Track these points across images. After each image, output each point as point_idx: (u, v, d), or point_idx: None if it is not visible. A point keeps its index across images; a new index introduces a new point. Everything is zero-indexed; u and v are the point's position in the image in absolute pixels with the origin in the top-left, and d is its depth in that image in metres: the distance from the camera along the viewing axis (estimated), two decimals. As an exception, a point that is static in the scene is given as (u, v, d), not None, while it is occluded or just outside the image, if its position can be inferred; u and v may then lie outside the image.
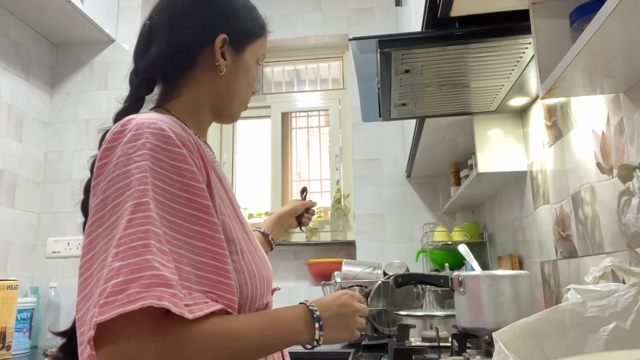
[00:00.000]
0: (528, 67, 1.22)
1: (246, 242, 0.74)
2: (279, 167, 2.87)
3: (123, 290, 0.53)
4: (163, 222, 0.59)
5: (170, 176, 0.62)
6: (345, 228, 2.72)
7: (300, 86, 3.06)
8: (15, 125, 2.23)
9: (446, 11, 1.02)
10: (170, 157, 0.63)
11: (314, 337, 0.71)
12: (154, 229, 0.57)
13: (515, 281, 1.20)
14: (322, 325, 0.72)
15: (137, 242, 0.56)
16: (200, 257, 0.62)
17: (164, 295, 0.54)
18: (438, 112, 1.56)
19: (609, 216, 1.03)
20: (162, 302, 0.53)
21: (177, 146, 0.64)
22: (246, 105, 0.88)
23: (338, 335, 0.75)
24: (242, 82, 0.83)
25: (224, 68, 0.79)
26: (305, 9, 2.89)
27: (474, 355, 1.18)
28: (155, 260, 0.55)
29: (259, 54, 0.86)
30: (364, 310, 0.80)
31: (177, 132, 0.66)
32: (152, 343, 0.55)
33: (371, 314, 1.91)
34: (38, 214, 2.36)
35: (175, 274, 0.57)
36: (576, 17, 0.88)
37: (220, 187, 0.73)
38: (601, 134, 1.04)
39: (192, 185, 0.64)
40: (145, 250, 0.55)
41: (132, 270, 0.54)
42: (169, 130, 0.65)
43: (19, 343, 1.92)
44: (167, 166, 0.62)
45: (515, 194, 1.70)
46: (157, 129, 0.64)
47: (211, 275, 0.63)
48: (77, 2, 2.19)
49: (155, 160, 0.62)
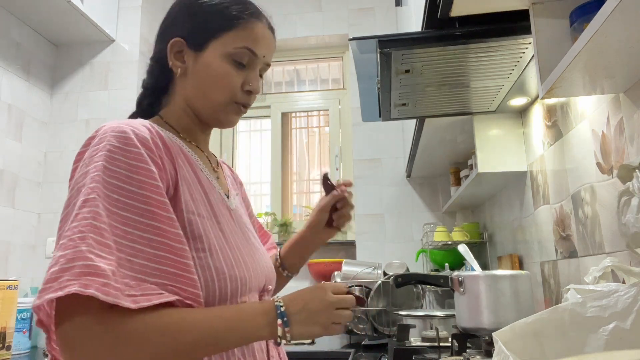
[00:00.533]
0: (528, 67, 1.22)
1: (219, 240, 0.75)
2: (279, 167, 2.87)
3: (57, 278, 0.58)
4: (115, 217, 0.63)
5: (126, 174, 0.66)
6: (345, 228, 2.72)
7: (300, 86, 3.06)
8: (15, 125, 2.23)
9: (446, 11, 1.02)
10: (128, 156, 0.67)
11: (276, 333, 0.69)
12: (96, 222, 0.61)
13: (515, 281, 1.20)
14: (286, 321, 0.69)
15: (76, 234, 0.60)
16: (158, 251, 0.65)
17: (92, 283, 0.57)
18: (438, 112, 1.56)
19: (609, 216, 1.03)
20: (87, 290, 0.57)
21: (136, 146, 0.68)
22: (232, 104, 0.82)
23: (309, 331, 0.72)
24: (205, 84, 0.81)
25: (177, 70, 0.81)
26: (305, 9, 2.89)
27: (474, 355, 1.18)
28: (89, 252, 0.59)
29: (230, 47, 0.80)
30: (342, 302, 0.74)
31: (139, 134, 0.69)
32: (94, 330, 0.59)
33: (371, 314, 1.91)
34: (38, 214, 2.36)
35: (113, 266, 0.60)
36: (576, 17, 0.88)
37: (195, 187, 0.76)
38: (601, 134, 1.04)
39: (148, 182, 0.66)
40: (82, 242, 0.59)
41: (67, 260, 0.58)
42: (131, 132, 0.69)
43: (19, 343, 1.92)
44: (123, 165, 0.66)
45: (515, 194, 1.70)
46: (118, 132, 0.68)
47: (170, 269, 0.65)
48: (77, 2, 2.19)
49: (111, 159, 0.66)
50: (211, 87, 0.81)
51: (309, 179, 2.97)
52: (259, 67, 0.85)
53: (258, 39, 0.82)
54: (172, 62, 0.82)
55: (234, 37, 0.80)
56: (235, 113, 0.83)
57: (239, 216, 0.87)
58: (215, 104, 0.81)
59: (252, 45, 0.81)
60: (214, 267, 0.72)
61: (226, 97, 0.81)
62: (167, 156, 0.73)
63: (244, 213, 0.93)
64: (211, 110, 0.82)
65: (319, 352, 1.82)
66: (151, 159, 0.68)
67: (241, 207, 0.93)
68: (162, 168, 0.70)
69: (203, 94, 0.81)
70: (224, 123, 0.85)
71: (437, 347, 1.32)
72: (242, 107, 0.84)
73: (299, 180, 2.97)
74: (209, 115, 0.83)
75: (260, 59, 0.83)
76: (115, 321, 0.60)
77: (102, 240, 0.61)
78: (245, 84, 0.82)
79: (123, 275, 0.61)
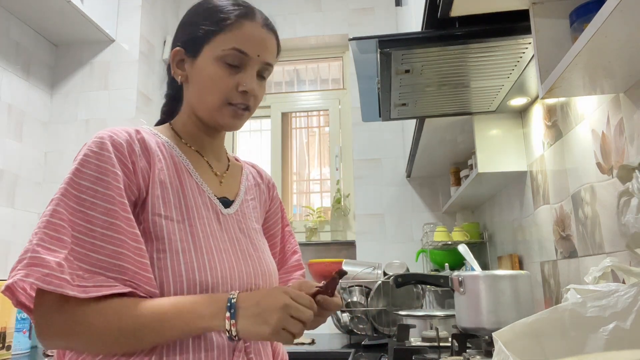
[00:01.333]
0: (528, 67, 1.22)
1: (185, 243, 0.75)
2: (279, 167, 2.87)
3: (14, 268, 0.67)
4: (79, 214, 0.69)
5: (95, 175, 0.72)
6: (345, 228, 2.72)
7: (300, 86, 3.06)
8: (15, 125, 2.23)
9: (446, 11, 1.01)
10: (100, 159, 0.73)
11: (224, 326, 0.68)
12: (52, 219, 0.68)
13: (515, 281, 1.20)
14: (233, 314, 0.68)
15: (36, 229, 0.68)
16: (118, 248, 0.69)
17: (34, 273, 0.64)
18: (438, 112, 1.56)
19: (609, 216, 1.03)
20: (28, 278, 0.64)
21: (108, 151, 0.73)
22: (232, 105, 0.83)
23: (256, 329, 0.68)
24: (202, 89, 0.83)
25: (178, 77, 0.86)
26: (305, 9, 2.89)
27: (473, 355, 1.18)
28: (38, 245, 0.66)
29: (220, 49, 0.81)
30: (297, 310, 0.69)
31: (115, 140, 0.75)
32: (52, 316, 0.68)
33: (371, 314, 1.91)
34: (38, 214, 2.35)
35: (60, 258, 0.66)
36: (576, 17, 0.88)
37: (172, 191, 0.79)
38: (601, 134, 1.04)
39: (113, 185, 0.72)
40: (35, 237, 0.67)
41: (23, 252, 0.67)
42: (108, 138, 0.75)
43: (19, 343, 1.92)
44: (94, 167, 0.72)
45: (515, 194, 1.70)
46: (98, 138, 0.75)
47: (128, 265, 0.70)
48: (77, 2, 2.19)
49: (85, 162, 0.72)
50: (205, 91, 0.82)
51: (308, 179, 2.97)
52: (256, 67, 0.84)
53: (248, 39, 0.82)
54: (174, 71, 0.86)
55: (222, 39, 0.81)
56: (231, 116, 0.83)
57: (234, 221, 0.86)
58: (210, 106, 0.83)
59: (240, 46, 0.81)
60: (171, 269, 0.73)
61: (219, 99, 0.82)
62: (145, 160, 0.77)
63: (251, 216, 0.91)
64: (208, 113, 0.84)
65: (319, 352, 1.82)
66: (121, 162, 0.74)
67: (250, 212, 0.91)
68: (133, 171, 0.75)
69: (200, 98, 0.83)
70: (224, 126, 0.86)
71: (437, 347, 1.32)
72: (241, 110, 0.84)
73: (298, 180, 2.97)
74: (209, 118, 0.85)
75: (254, 58, 0.83)
76: (69, 309, 0.67)
77: (55, 235, 0.67)
78: (240, 85, 0.82)
79: (77, 267, 0.67)
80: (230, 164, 0.95)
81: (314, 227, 2.72)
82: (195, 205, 0.81)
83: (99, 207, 0.70)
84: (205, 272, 0.75)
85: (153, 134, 0.83)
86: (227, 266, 0.78)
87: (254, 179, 0.99)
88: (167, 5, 2.84)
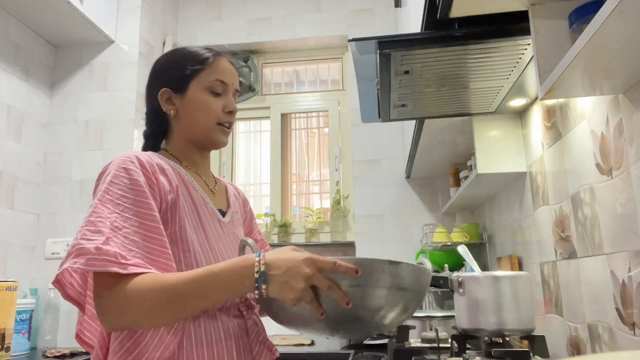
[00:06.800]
0: (527, 68, 1.22)
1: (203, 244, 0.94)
2: (279, 168, 2.87)
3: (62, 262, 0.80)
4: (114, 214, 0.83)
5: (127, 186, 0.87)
6: (345, 229, 2.72)
7: (300, 87, 3.06)
8: (14, 126, 2.23)
9: (445, 12, 1.02)
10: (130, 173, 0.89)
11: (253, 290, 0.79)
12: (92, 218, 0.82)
13: (514, 282, 1.20)
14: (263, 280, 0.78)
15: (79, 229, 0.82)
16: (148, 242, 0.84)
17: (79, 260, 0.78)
18: (437, 113, 1.56)
19: (609, 217, 1.03)
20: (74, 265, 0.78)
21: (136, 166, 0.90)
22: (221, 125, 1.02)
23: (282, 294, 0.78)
24: (195, 114, 1.01)
25: (172, 112, 1.03)
26: (304, 10, 2.89)
27: (473, 357, 1.18)
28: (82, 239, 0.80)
29: (206, 82, 1.01)
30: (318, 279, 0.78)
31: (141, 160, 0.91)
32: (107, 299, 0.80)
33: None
34: (37, 215, 2.35)
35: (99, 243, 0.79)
36: (575, 18, 0.88)
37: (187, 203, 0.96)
38: (600, 134, 1.04)
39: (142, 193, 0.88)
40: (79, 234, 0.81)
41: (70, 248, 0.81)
42: (135, 158, 0.91)
43: (18, 344, 1.92)
44: (126, 180, 0.88)
45: (515, 195, 1.70)
46: (125, 157, 0.91)
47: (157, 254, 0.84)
48: (77, 3, 2.19)
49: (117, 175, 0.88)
50: (200, 115, 1.01)
51: (308, 180, 2.97)
52: (231, 92, 1.05)
53: (225, 71, 1.04)
54: (165, 107, 1.03)
55: (207, 74, 1.02)
56: (222, 133, 1.03)
57: (230, 227, 1.05)
58: (205, 128, 1.02)
59: (221, 77, 1.03)
60: (195, 264, 0.90)
61: (213, 120, 1.01)
62: (164, 178, 0.93)
63: (238, 225, 1.11)
64: (204, 134, 1.02)
65: (319, 352, 1.82)
66: (146, 177, 0.90)
67: (237, 221, 1.11)
68: (156, 185, 0.90)
69: (195, 123, 1.02)
70: (217, 143, 1.04)
71: (436, 348, 1.32)
72: (227, 128, 1.04)
73: (298, 181, 2.97)
74: (204, 138, 1.03)
75: (230, 85, 1.05)
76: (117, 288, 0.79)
77: (94, 228, 0.81)
78: (225, 107, 1.02)
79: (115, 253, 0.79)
80: (216, 181, 1.13)
81: (314, 228, 2.72)
82: (204, 214, 0.98)
83: (131, 210, 0.85)
84: None
85: (161, 158, 0.98)
86: None
87: (234, 195, 1.17)
88: (166, 7, 2.84)
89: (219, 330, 0.90)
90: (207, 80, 1.01)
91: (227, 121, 1.03)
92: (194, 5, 3.00)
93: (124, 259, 0.79)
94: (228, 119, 1.03)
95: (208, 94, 1.01)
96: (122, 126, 2.41)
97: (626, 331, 0.97)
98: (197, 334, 0.87)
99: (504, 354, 1.11)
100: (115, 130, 2.41)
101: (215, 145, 1.05)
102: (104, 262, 0.78)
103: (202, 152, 1.07)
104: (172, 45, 2.73)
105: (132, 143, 2.38)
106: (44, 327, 2.14)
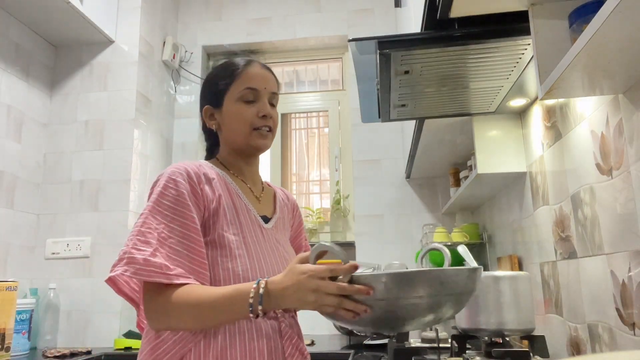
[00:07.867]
0: (527, 68, 1.22)
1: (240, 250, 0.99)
2: (279, 168, 2.87)
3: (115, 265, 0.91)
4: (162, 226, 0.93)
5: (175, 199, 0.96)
6: (345, 229, 2.72)
7: (300, 87, 3.06)
8: (14, 126, 2.23)
9: (445, 12, 1.01)
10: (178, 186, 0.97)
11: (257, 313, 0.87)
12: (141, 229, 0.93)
13: (514, 282, 1.20)
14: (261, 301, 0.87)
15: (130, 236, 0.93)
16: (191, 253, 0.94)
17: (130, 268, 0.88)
18: (437, 113, 1.56)
19: (609, 217, 1.03)
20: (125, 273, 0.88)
21: (184, 179, 0.98)
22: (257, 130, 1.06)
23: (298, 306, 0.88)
24: (232, 125, 1.08)
25: (214, 126, 1.11)
26: (304, 10, 2.89)
27: (473, 356, 1.18)
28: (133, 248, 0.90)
29: (237, 93, 1.07)
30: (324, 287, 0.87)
31: (189, 172, 0.99)
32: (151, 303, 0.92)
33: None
34: (37, 215, 2.35)
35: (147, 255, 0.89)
36: (575, 18, 0.88)
37: (230, 210, 1.03)
38: (600, 134, 1.04)
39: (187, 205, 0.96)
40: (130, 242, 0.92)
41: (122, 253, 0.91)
42: (184, 170, 0.99)
43: (18, 344, 1.92)
44: (174, 192, 0.96)
45: (515, 195, 1.70)
46: (175, 168, 0.99)
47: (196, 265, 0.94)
48: (77, 3, 2.19)
49: (166, 187, 0.97)
50: (236, 125, 1.07)
51: (308, 180, 2.97)
52: (265, 97, 1.08)
53: (254, 78, 1.08)
54: (208, 123, 1.11)
55: (237, 85, 1.07)
56: (260, 137, 1.07)
57: (272, 234, 1.09)
58: (243, 135, 1.07)
59: (250, 84, 1.07)
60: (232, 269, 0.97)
61: (248, 127, 1.06)
62: (208, 188, 1.01)
63: (284, 231, 1.16)
64: (243, 141, 1.07)
65: (319, 353, 1.82)
66: (192, 188, 0.98)
67: (282, 227, 1.16)
68: (200, 195, 0.99)
69: (233, 133, 1.08)
70: (257, 148, 1.08)
71: (436, 348, 1.32)
72: (265, 131, 1.07)
73: (298, 181, 2.97)
74: (244, 145, 1.08)
75: (262, 90, 1.08)
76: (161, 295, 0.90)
77: (144, 239, 0.91)
78: (259, 112, 1.06)
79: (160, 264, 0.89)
80: (264, 187, 1.18)
81: (314, 228, 2.72)
82: (245, 221, 1.04)
83: (177, 221, 0.94)
84: (255, 271, 0.98)
85: (210, 167, 1.06)
86: (270, 267, 1.01)
87: (282, 200, 1.21)
88: (166, 7, 2.84)
89: (252, 331, 0.96)
90: (237, 91, 1.07)
91: (263, 125, 1.07)
92: (194, 5, 3.00)
93: (168, 269, 0.89)
94: (263, 122, 1.07)
95: (241, 104, 1.06)
96: (122, 126, 2.41)
97: (626, 331, 0.97)
98: (231, 332, 0.94)
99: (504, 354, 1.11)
100: (115, 130, 2.41)
101: (257, 149, 1.09)
102: (151, 272, 0.88)
103: (248, 159, 1.12)
104: (172, 45, 2.73)
105: (132, 143, 2.38)
106: (44, 327, 2.14)
